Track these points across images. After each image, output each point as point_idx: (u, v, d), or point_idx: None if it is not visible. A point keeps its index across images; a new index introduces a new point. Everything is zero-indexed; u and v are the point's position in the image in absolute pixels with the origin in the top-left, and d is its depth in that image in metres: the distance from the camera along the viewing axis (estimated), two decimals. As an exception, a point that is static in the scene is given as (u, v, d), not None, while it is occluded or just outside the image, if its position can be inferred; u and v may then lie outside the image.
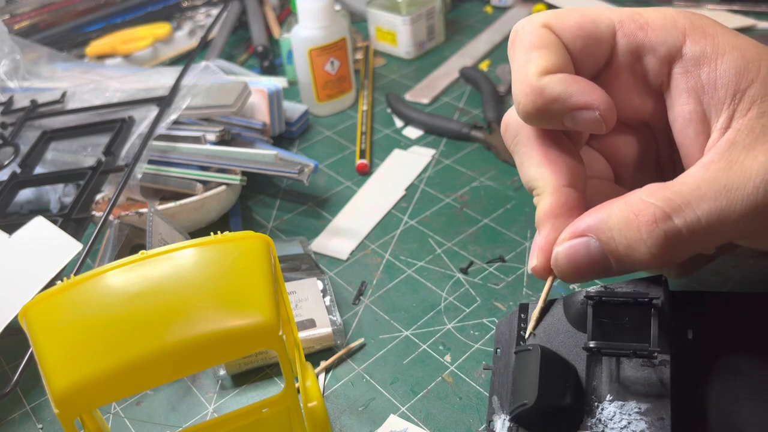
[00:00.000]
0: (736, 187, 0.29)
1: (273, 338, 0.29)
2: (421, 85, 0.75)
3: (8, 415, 0.44)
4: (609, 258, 0.31)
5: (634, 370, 0.32)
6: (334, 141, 0.68)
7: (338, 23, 0.67)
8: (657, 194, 0.30)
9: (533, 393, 0.32)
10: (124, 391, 0.28)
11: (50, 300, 0.30)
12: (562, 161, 0.34)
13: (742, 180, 0.29)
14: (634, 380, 0.32)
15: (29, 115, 0.64)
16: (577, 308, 0.35)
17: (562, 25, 0.33)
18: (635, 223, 0.30)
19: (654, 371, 0.32)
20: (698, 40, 0.32)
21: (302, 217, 0.58)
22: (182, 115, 0.59)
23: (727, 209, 0.29)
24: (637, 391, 0.32)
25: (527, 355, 0.34)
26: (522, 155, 0.35)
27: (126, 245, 0.52)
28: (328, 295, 0.47)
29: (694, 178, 0.30)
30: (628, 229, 0.30)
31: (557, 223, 0.33)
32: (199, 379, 0.45)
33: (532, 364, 0.33)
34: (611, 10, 0.34)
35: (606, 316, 0.33)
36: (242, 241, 0.32)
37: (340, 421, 0.41)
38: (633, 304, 0.33)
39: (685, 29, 0.32)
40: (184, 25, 0.92)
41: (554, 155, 0.34)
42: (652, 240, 0.30)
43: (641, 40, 0.33)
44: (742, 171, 0.30)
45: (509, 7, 0.90)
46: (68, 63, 0.77)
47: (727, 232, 0.30)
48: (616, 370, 0.33)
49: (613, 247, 0.31)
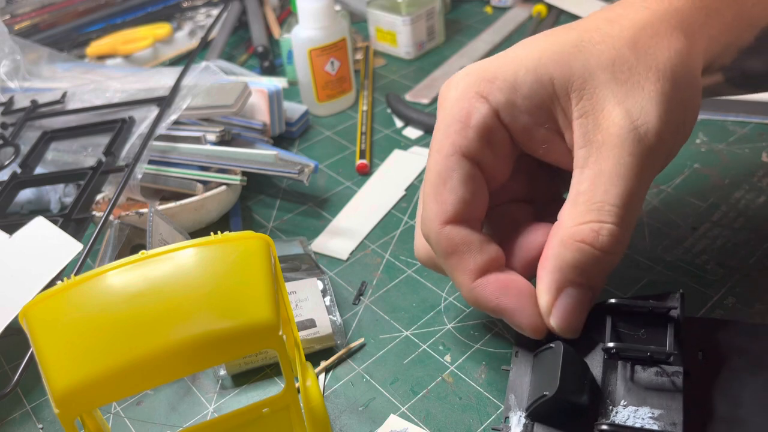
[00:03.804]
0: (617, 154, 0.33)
1: (273, 338, 0.29)
2: (421, 85, 0.75)
3: (9, 415, 0.44)
4: (590, 289, 0.35)
5: (648, 378, 0.34)
6: (334, 141, 0.68)
7: (338, 23, 0.67)
8: (576, 216, 0.34)
9: (554, 384, 0.32)
10: (124, 391, 0.28)
11: (50, 300, 0.30)
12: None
13: (614, 146, 0.33)
14: (649, 387, 0.33)
15: (30, 116, 0.64)
16: (595, 318, 0.36)
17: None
18: (588, 248, 0.33)
19: (668, 380, 0.33)
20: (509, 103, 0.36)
21: (302, 217, 0.58)
22: (182, 116, 0.59)
23: (627, 175, 0.33)
24: (651, 397, 0.33)
25: (549, 353, 0.35)
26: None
27: (126, 245, 0.52)
28: (328, 295, 0.48)
29: (588, 181, 0.34)
30: (590, 257, 0.33)
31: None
32: (199, 379, 0.45)
33: (554, 359, 0.34)
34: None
35: (623, 326, 0.35)
36: (242, 241, 0.32)
37: (340, 421, 0.41)
38: (650, 315, 0.35)
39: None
40: (185, 25, 0.92)
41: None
42: (609, 245, 0.33)
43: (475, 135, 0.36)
44: (608, 140, 0.33)
45: (509, 7, 0.90)
46: (68, 63, 0.77)
47: (641, 186, 0.34)
48: (631, 376, 0.34)
49: (586, 279, 0.34)
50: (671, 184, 0.55)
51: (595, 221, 0.33)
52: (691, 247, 0.49)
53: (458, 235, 0.36)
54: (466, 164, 0.36)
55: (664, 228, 0.51)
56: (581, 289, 0.34)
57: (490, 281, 0.36)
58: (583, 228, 0.33)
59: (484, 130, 0.35)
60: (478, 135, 0.35)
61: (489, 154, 0.36)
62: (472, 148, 0.35)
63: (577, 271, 0.34)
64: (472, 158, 0.36)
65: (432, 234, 0.36)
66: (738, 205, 0.51)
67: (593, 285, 0.35)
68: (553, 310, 0.35)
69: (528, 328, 0.36)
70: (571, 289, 0.34)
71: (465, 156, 0.36)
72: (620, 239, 0.33)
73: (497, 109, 0.35)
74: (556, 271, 0.34)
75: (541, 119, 0.35)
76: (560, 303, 0.34)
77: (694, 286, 0.45)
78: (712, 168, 0.56)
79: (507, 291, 0.36)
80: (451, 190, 0.36)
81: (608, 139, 0.33)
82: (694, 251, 0.48)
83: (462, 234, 0.36)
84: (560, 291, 0.34)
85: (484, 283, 0.36)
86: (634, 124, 0.33)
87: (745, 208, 0.51)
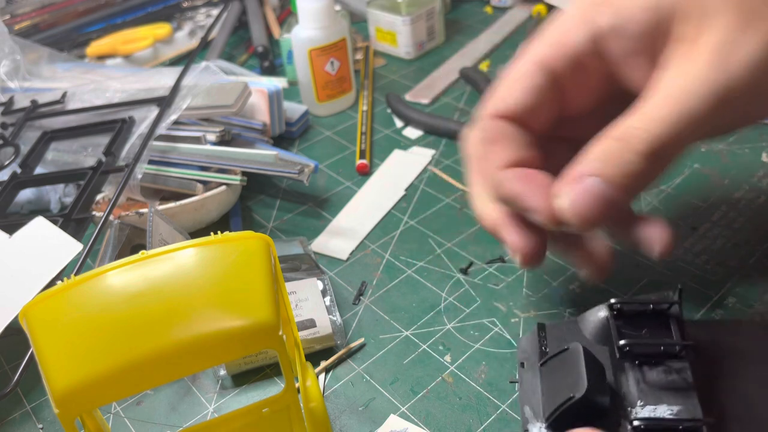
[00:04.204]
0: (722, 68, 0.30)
1: (273, 338, 0.29)
2: (421, 85, 0.75)
3: (8, 415, 0.44)
4: (611, 189, 0.32)
5: (658, 377, 0.33)
6: (334, 141, 0.68)
7: (338, 23, 0.67)
8: (625, 121, 0.32)
9: (582, 384, 0.32)
10: (124, 391, 0.28)
11: (50, 300, 0.30)
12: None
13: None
14: (661, 385, 0.33)
15: (30, 116, 0.64)
16: (596, 322, 0.36)
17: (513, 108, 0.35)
18: (624, 146, 0.31)
19: (678, 377, 0.33)
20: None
21: (302, 217, 0.58)
22: (182, 116, 0.59)
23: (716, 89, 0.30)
24: (666, 395, 0.33)
25: (566, 356, 0.34)
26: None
27: (126, 245, 0.52)
28: (328, 295, 0.48)
29: (652, 97, 0.32)
30: (621, 153, 0.31)
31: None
32: (199, 379, 0.45)
33: (574, 360, 0.33)
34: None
35: (626, 326, 0.35)
36: (242, 241, 0.32)
37: (340, 421, 0.41)
38: (650, 315, 0.34)
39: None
40: (185, 25, 0.92)
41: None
42: (644, 155, 0.31)
43: (565, 54, 0.35)
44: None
45: (509, 7, 0.90)
46: (69, 63, 0.77)
47: (694, 129, 0.31)
48: (642, 376, 0.33)
49: (611, 175, 0.32)
50: (671, 184, 0.55)
51: (642, 129, 0.31)
52: (691, 247, 0.49)
53: (504, 128, 0.35)
54: (543, 76, 0.35)
55: (664, 228, 0.51)
56: (601, 182, 0.32)
57: (518, 170, 0.34)
58: (627, 129, 0.31)
59: (575, 53, 0.34)
60: (568, 55, 0.35)
61: (574, 79, 0.35)
62: (557, 66, 0.35)
63: (603, 163, 0.32)
64: (553, 75, 0.35)
65: (479, 121, 0.36)
66: (738, 205, 0.51)
67: (615, 184, 0.32)
68: (565, 190, 0.32)
69: (540, 209, 0.33)
70: (589, 177, 0.32)
71: (545, 69, 0.35)
72: (655, 160, 0.31)
73: (601, 32, 0.34)
74: (581, 160, 0.32)
75: (643, 45, 0.33)
76: (575, 186, 0.32)
77: (694, 286, 0.45)
78: (712, 168, 0.56)
79: (529, 179, 0.34)
80: (517, 90, 0.35)
81: (689, 66, 0.31)
82: (694, 251, 0.48)
83: (508, 129, 0.35)
84: (580, 177, 0.32)
85: (511, 171, 0.34)
86: (726, 60, 0.30)
87: (745, 208, 0.51)
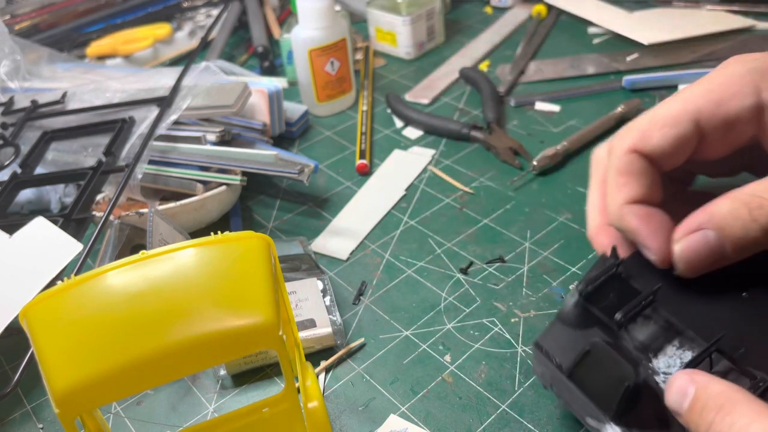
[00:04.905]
0: None
1: (273, 338, 0.29)
2: (421, 85, 0.75)
3: (9, 415, 0.44)
4: (724, 245, 0.35)
5: (643, 330, 0.36)
6: (334, 141, 0.68)
7: (338, 24, 0.67)
8: (753, 187, 0.34)
9: (629, 371, 0.34)
10: (124, 391, 0.28)
11: (51, 300, 0.30)
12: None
13: None
14: (652, 336, 0.36)
15: (30, 116, 0.64)
16: (572, 311, 0.37)
17: (650, 146, 0.37)
18: (745, 209, 0.34)
19: (659, 320, 0.36)
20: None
21: (302, 217, 0.58)
22: (182, 116, 0.59)
23: None
24: (661, 339, 0.36)
25: (593, 357, 0.35)
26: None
27: (126, 245, 0.52)
28: (328, 295, 0.48)
29: None
30: (740, 215, 0.34)
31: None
32: (199, 379, 0.45)
33: (603, 355, 0.35)
34: (685, 101, 0.37)
35: (597, 302, 0.37)
36: (242, 241, 0.32)
37: (340, 421, 0.41)
38: (608, 280, 0.38)
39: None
40: (185, 25, 0.92)
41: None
42: (764, 224, 0.33)
43: (724, 114, 0.36)
44: None
45: (509, 7, 0.90)
46: (69, 63, 0.77)
47: None
48: (636, 337, 0.36)
49: (729, 236, 0.34)
50: (671, 184, 0.55)
51: (766, 199, 0.33)
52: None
53: (637, 164, 0.37)
54: (692, 128, 0.37)
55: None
56: (716, 239, 0.35)
57: (639, 209, 0.37)
58: (751, 197, 0.34)
59: (734, 118, 0.36)
60: (724, 117, 0.36)
61: (720, 137, 0.37)
62: (710, 123, 0.37)
63: (722, 221, 0.34)
64: (703, 130, 0.37)
65: (616, 151, 0.38)
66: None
67: (727, 242, 0.35)
68: (682, 239, 0.35)
69: (654, 250, 0.36)
70: (709, 231, 0.35)
71: (697, 122, 0.37)
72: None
73: (765, 106, 0.36)
74: (704, 211, 0.35)
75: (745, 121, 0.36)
76: (692, 237, 0.35)
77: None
78: (712, 168, 0.56)
79: (649, 218, 0.37)
80: (663, 134, 0.37)
81: None
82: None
83: (641, 166, 0.37)
84: (698, 227, 0.35)
85: (634, 207, 0.37)
86: None
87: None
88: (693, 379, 0.31)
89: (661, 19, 0.80)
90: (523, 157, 0.62)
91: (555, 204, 0.56)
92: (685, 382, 0.31)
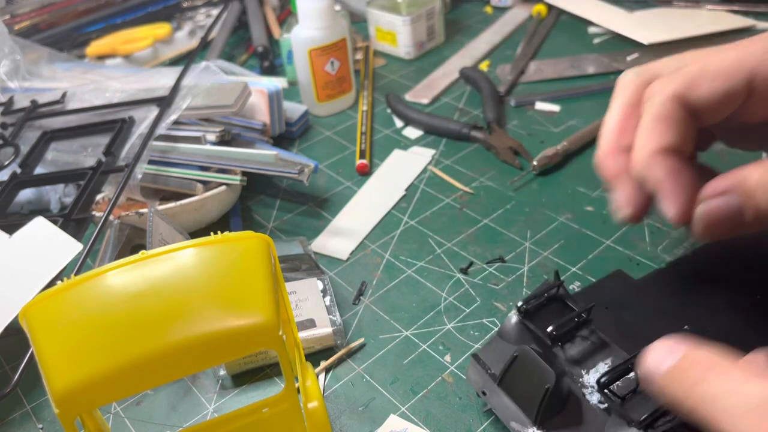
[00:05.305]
0: None
1: (273, 338, 0.29)
2: (421, 85, 0.75)
3: (9, 415, 0.44)
4: (745, 212, 0.33)
5: (580, 346, 0.38)
6: (334, 141, 0.68)
7: (338, 23, 0.67)
8: None
9: (550, 373, 0.35)
10: (124, 391, 0.28)
11: (50, 300, 0.30)
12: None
13: None
14: (586, 352, 0.37)
15: (29, 116, 0.64)
16: (514, 328, 0.40)
17: (696, 96, 0.36)
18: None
19: (594, 336, 0.38)
20: None
21: (302, 217, 0.58)
22: (182, 116, 0.59)
23: None
24: (595, 357, 0.37)
25: (519, 362, 0.37)
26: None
27: (126, 245, 0.52)
28: (328, 295, 0.48)
29: None
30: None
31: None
32: (199, 379, 0.45)
33: (528, 360, 0.36)
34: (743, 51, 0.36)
35: (537, 321, 0.39)
36: (242, 241, 0.32)
37: (340, 421, 0.41)
38: (547, 301, 0.39)
39: None
40: (185, 25, 0.92)
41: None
42: None
43: None
44: None
45: (509, 7, 0.90)
46: (68, 63, 0.77)
47: None
48: (569, 353, 0.38)
49: (753, 202, 0.33)
50: (671, 184, 0.55)
51: None
52: (691, 246, 0.49)
53: (677, 112, 0.36)
54: (743, 81, 0.35)
55: (664, 228, 0.51)
56: (739, 205, 0.33)
57: (669, 161, 0.35)
58: None
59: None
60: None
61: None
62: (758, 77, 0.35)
63: (752, 188, 0.33)
64: (752, 83, 0.35)
65: (658, 95, 0.36)
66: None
67: (751, 211, 0.34)
68: (706, 201, 0.34)
69: (675, 205, 0.35)
70: (735, 196, 0.34)
71: (744, 76, 0.35)
72: None
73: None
74: (733, 175, 0.34)
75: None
76: (716, 200, 0.34)
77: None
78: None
79: (677, 173, 0.35)
80: (712, 87, 0.35)
81: None
82: (694, 251, 0.48)
83: (681, 115, 0.36)
84: (725, 190, 0.34)
85: (664, 159, 0.35)
86: None
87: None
88: (683, 341, 0.29)
89: (661, 19, 0.80)
90: (523, 157, 0.62)
91: (555, 204, 0.56)
92: (674, 342, 0.29)
